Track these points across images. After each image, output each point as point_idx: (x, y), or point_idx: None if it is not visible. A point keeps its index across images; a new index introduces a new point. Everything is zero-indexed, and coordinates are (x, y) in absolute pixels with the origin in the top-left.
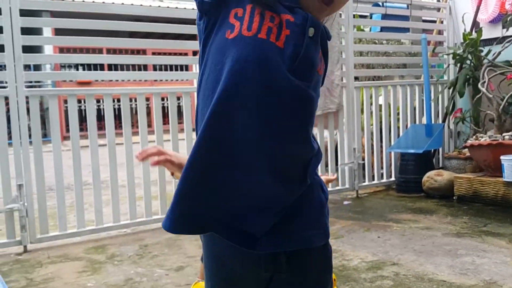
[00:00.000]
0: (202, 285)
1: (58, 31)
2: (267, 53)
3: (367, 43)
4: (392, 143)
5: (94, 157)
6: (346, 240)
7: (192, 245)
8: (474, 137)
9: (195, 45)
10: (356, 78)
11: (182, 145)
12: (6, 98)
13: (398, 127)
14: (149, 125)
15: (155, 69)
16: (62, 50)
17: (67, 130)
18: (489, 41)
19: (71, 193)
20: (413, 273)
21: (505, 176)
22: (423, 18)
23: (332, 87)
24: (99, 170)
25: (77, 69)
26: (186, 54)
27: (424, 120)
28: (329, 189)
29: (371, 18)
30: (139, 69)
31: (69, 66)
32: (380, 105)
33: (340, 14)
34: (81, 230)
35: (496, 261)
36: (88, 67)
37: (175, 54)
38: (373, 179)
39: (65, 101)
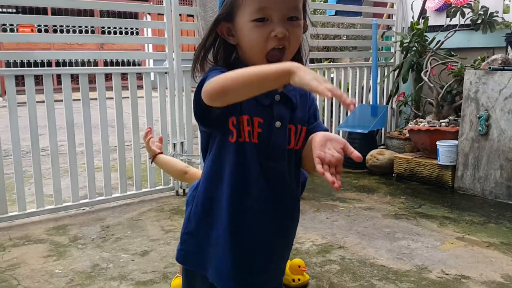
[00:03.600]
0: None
1: None
2: (246, 152)
3: (321, 26)
4: (342, 118)
5: (52, 141)
6: (299, 222)
7: (154, 227)
8: (414, 121)
9: (146, 8)
10: (312, 61)
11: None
12: None
13: None
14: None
15: (103, 32)
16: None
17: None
18: (434, 28)
19: (27, 160)
20: (357, 257)
21: (440, 160)
22: (375, 0)
23: None
24: (58, 152)
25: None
26: (136, 16)
27: (371, 99)
28: None
29: (326, 1)
30: (86, 32)
31: (12, 30)
32: (332, 83)
33: None
34: (40, 209)
35: (427, 245)
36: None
37: (124, 16)
38: None
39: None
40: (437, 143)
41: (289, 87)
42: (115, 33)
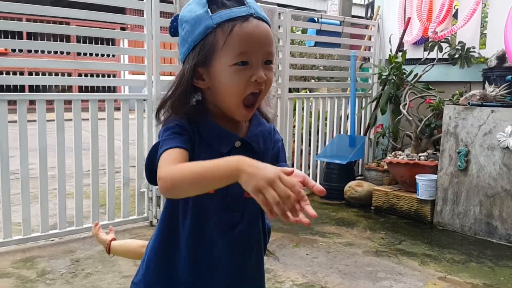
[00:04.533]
0: None
1: None
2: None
3: (300, 57)
4: (320, 147)
5: (23, 166)
6: (279, 258)
7: (126, 261)
8: (393, 153)
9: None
10: (289, 90)
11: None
12: None
13: (325, 133)
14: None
15: (79, 54)
16: None
17: None
18: (412, 61)
19: None
20: None
21: (419, 194)
22: (352, 33)
23: (268, 98)
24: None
25: None
26: (113, 42)
27: (349, 127)
28: None
29: (305, 32)
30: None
31: None
32: (311, 112)
33: (279, 26)
34: (7, 240)
35: (410, 286)
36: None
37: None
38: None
39: None
40: (417, 177)
41: (252, 132)
42: (91, 54)
